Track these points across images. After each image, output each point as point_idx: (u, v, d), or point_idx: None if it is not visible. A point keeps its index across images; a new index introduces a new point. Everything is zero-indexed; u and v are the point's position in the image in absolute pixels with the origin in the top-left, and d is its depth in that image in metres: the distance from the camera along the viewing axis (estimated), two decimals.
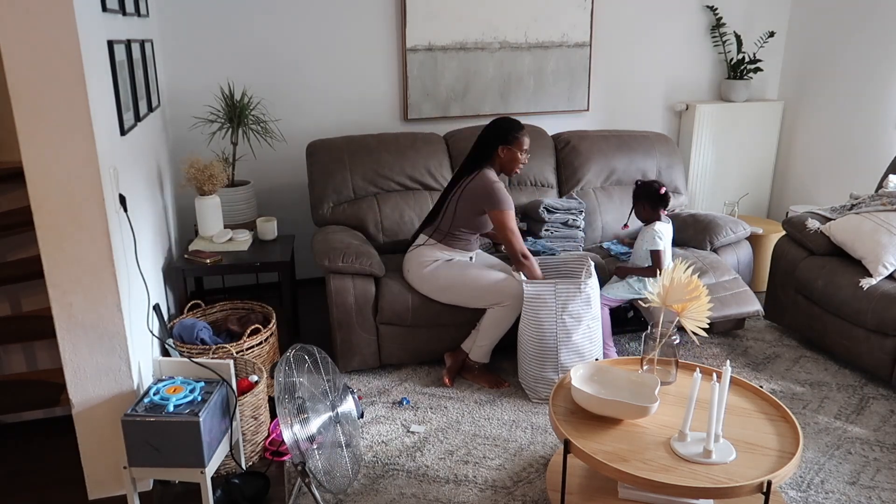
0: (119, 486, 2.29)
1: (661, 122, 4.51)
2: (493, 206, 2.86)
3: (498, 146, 2.90)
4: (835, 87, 4.20)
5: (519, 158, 2.93)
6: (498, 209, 2.85)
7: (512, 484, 2.37)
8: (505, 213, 2.84)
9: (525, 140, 2.93)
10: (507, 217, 2.85)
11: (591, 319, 2.74)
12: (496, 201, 2.85)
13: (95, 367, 2.17)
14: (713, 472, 1.86)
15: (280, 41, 3.73)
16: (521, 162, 2.94)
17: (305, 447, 2.09)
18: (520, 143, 2.91)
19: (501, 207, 2.84)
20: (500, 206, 2.84)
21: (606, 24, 4.20)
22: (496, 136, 2.92)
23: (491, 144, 2.92)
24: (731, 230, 3.44)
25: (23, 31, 1.87)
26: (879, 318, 2.84)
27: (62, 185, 2.00)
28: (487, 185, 2.87)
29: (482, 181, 2.88)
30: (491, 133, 2.94)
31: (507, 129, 2.92)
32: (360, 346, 3.03)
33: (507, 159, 2.92)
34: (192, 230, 3.52)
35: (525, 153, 2.94)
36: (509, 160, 2.92)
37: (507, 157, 2.91)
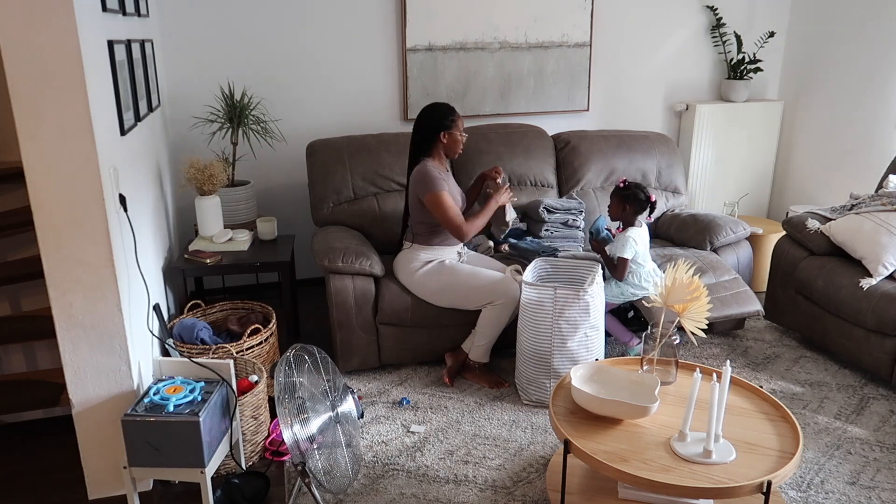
0: (119, 486, 2.29)
1: (661, 122, 4.51)
2: (424, 192, 2.89)
3: (439, 133, 2.94)
4: (835, 87, 4.20)
5: (459, 140, 2.98)
6: (429, 192, 2.87)
7: (512, 484, 2.37)
8: (435, 194, 2.86)
9: (461, 122, 2.98)
10: (438, 198, 2.86)
11: (589, 328, 2.72)
12: (424, 186, 2.88)
13: (95, 367, 2.17)
14: (713, 472, 1.86)
15: (280, 41, 3.73)
16: (461, 142, 2.99)
17: (305, 447, 2.09)
18: (458, 125, 2.97)
19: (430, 189, 2.87)
20: (429, 188, 2.87)
21: (606, 24, 4.20)
22: (434, 125, 2.95)
23: (430, 134, 2.96)
24: (731, 230, 3.44)
25: (23, 31, 1.87)
26: (879, 318, 2.84)
27: (62, 185, 2.00)
28: (417, 174, 2.92)
29: (416, 172, 2.94)
30: (428, 123, 2.97)
31: (443, 114, 2.95)
32: (360, 346, 3.03)
33: (450, 143, 2.97)
34: (192, 230, 3.52)
35: (463, 133, 2.99)
36: (452, 143, 2.97)
37: (450, 141, 2.97)
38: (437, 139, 2.95)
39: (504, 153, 3.68)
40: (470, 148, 3.56)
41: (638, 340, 3.11)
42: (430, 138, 2.96)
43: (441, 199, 2.86)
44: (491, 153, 3.66)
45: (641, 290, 2.99)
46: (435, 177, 2.88)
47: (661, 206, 3.82)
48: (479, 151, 3.64)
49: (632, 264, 2.99)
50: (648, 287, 2.98)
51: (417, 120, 3.00)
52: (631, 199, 2.99)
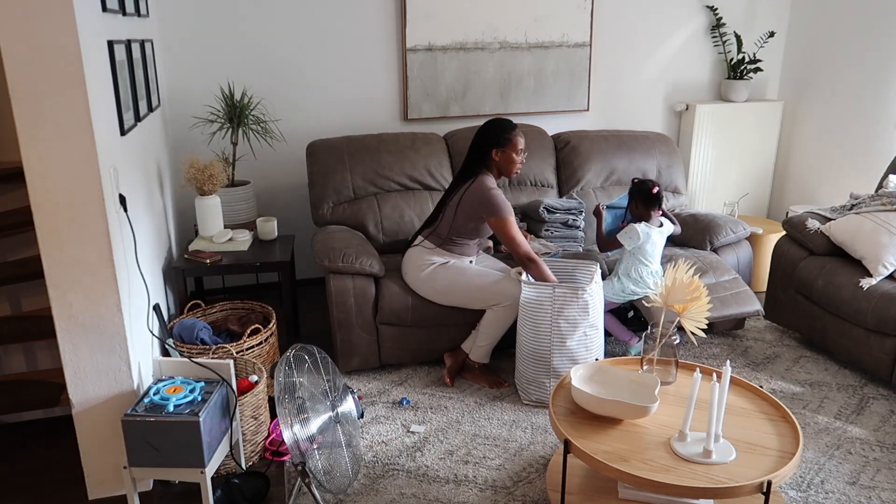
0: (119, 486, 2.29)
1: (661, 122, 4.51)
2: (491, 214, 2.83)
3: (491, 150, 2.87)
4: (835, 87, 4.20)
5: (515, 160, 2.89)
6: (496, 216, 2.82)
7: (512, 484, 2.37)
8: (504, 219, 2.82)
9: (519, 140, 2.89)
10: (507, 223, 2.82)
11: (588, 327, 2.72)
12: (494, 209, 2.82)
13: (95, 367, 2.17)
14: (713, 472, 1.86)
15: (280, 41, 3.73)
16: (518, 163, 2.91)
17: (305, 447, 2.09)
18: (513, 144, 2.87)
19: (500, 214, 2.82)
20: (499, 212, 2.82)
21: (606, 24, 4.20)
22: (488, 140, 2.88)
23: (484, 148, 2.89)
24: (731, 230, 3.44)
25: (23, 31, 1.87)
26: (879, 318, 2.84)
27: (62, 185, 2.00)
28: (485, 193, 2.83)
29: (479, 188, 2.85)
30: (483, 137, 2.91)
31: (499, 130, 2.88)
32: (360, 346, 3.03)
33: (504, 162, 2.89)
34: (192, 230, 3.52)
35: (521, 153, 2.91)
36: (505, 162, 2.89)
37: (503, 160, 2.89)
38: (490, 155, 2.89)
39: None
40: None
41: (637, 339, 3.11)
42: (484, 153, 2.89)
43: (510, 225, 2.82)
44: None
45: (642, 289, 3.00)
46: (502, 200, 2.82)
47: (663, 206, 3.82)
48: None
49: (637, 260, 3.00)
50: (650, 284, 2.98)
51: (478, 131, 2.94)
52: (637, 194, 3.04)
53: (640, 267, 3.00)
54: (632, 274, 3.01)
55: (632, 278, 3.00)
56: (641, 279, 2.99)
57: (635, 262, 3.01)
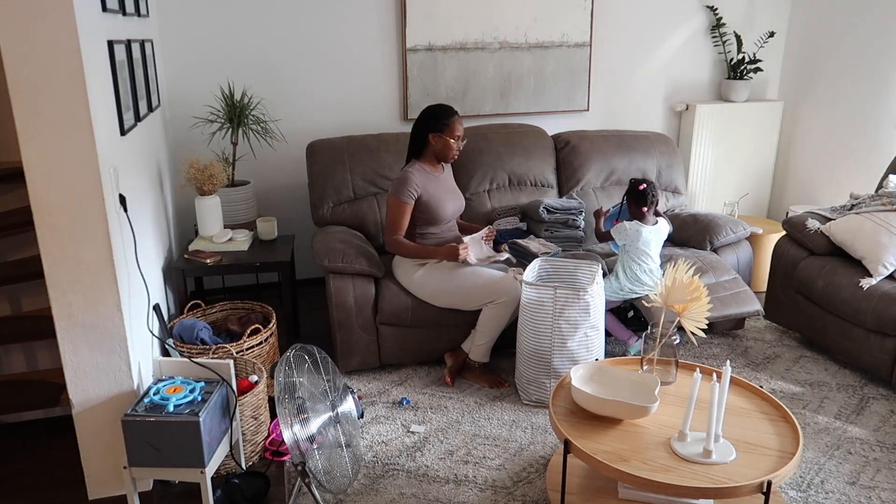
0: (119, 486, 2.29)
1: (661, 122, 4.51)
2: (389, 191, 2.91)
3: (428, 134, 2.92)
4: (835, 87, 4.20)
5: (452, 145, 2.93)
6: (390, 194, 2.90)
7: (512, 484, 2.37)
8: (393, 197, 2.88)
9: (457, 126, 2.92)
10: (394, 203, 2.88)
11: (589, 328, 2.72)
12: (393, 187, 2.90)
13: (95, 367, 2.17)
14: (713, 472, 1.86)
15: (280, 41, 3.73)
16: (455, 149, 2.95)
17: (305, 447, 2.09)
18: (451, 129, 2.91)
19: (392, 192, 2.89)
20: (394, 190, 2.89)
21: (606, 24, 4.20)
22: (426, 124, 2.93)
23: (422, 133, 2.94)
24: (731, 230, 3.44)
25: (23, 31, 1.87)
26: (879, 318, 2.84)
27: (62, 185, 2.00)
28: (400, 176, 2.92)
29: (401, 173, 2.94)
30: (421, 122, 2.95)
31: (438, 116, 2.92)
32: (360, 346, 3.03)
33: (440, 147, 2.93)
34: (192, 230, 3.52)
35: (458, 139, 2.94)
36: (442, 147, 2.93)
37: (440, 145, 2.93)
38: (427, 140, 2.94)
39: (504, 153, 3.68)
40: (470, 148, 3.56)
41: (637, 339, 3.11)
42: (422, 139, 2.95)
43: (395, 206, 2.88)
44: (491, 153, 3.66)
45: (638, 287, 2.99)
46: (406, 186, 2.87)
47: (661, 205, 3.82)
48: (479, 151, 3.64)
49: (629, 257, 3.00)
50: (647, 282, 2.98)
51: (417, 117, 2.99)
52: (627, 194, 3.08)
53: (634, 265, 3.00)
54: (627, 272, 3.01)
55: (627, 276, 3.01)
56: (637, 277, 2.99)
57: (629, 260, 3.01)
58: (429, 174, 2.96)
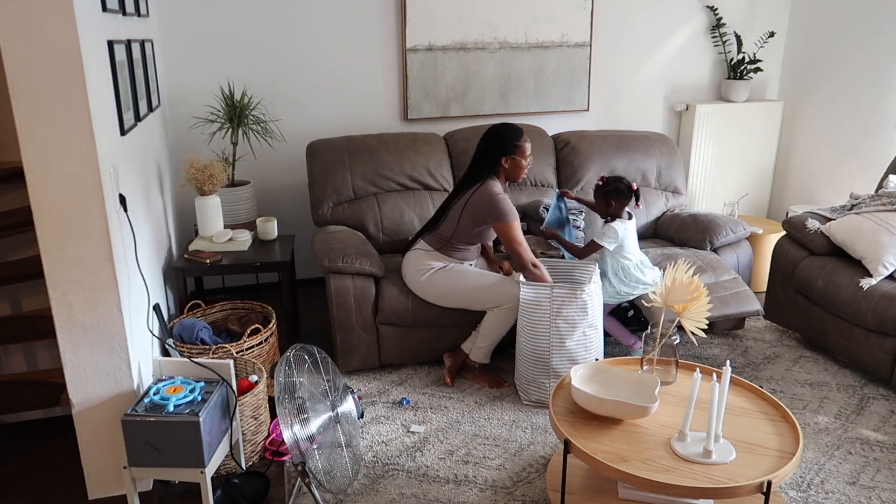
0: (119, 486, 2.29)
1: (661, 122, 4.51)
2: (497, 219, 2.82)
3: (501, 157, 2.86)
4: (835, 87, 4.20)
5: (524, 166, 2.89)
6: (502, 221, 2.82)
7: (512, 484, 2.37)
8: (509, 224, 2.81)
9: (527, 146, 2.89)
10: (512, 228, 2.81)
11: (587, 327, 2.72)
12: (500, 214, 2.81)
13: (95, 367, 2.17)
14: (713, 472, 1.86)
15: (280, 41, 3.73)
16: (525, 168, 2.91)
17: (305, 447, 2.09)
18: (522, 150, 2.87)
19: (506, 220, 2.81)
20: (505, 218, 2.81)
21: (606, 24, 4.20)
22: (497, 147, 2.87)
23: (493, 155, 2.88)
24: (731, 230, 3.44)
25: (23, 31, 1.87)
26: (879, 318, 2.84)
27: (62, 185, 2.00)
28: (492, 198, 2.82)
29: (485, 193, 2.84)
30: (491, 143, 2.89)
31: (508, 138, 2.86)
32: (360, 346, 3.03)
33: (513, 168, 2.88)
34: (192, 230, 3.52)
35: (529, 158, 2.91)
36: (514, 168, 2.88)
37: (512, 167, 2.88)
38: (499, 163, 2.87)
39: None
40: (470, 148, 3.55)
41: (640, 344, 3.10)
42: (492, 159, 2.88)
43: (515, 230, 2.81)
44: None
45: (634, 286, 2.97)
46: (509, 207, 2.81)
47: (661, 205, 3.82)
48: None
49: (619, 258, 2.97)
50: (640, 278, 2.97)
51: (484, 136, 2.92)
52: (614, 194, 2.97)
53: (623, 262, 2.98)
54: (618, 273, 2.99)
55: (619, 277, 2.99)
56: (628, 275, 2.97)
57: (617, 260, 2.98)
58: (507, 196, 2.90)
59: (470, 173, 2.95)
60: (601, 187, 3.01)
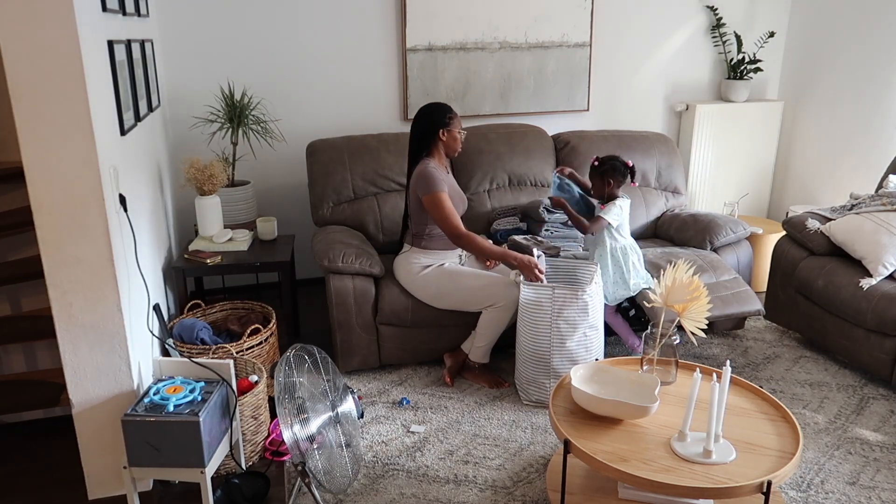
0: (119, 486, 2.29)
1: (661, 122, 4.51)
2: (424, 192, 2.87)
3: (438, 131, 2.94)
4: (835, 87, 4.20)
5: (459, 137, 2.98)
6: (427, 193, 2.86)
7: (512, 484, 2.37)
8: (432, 195, 2.85)
9: (458, 120, 2.99)
10: (435, 199, 2.85)
11: (588, 327, 2.72)
12: (424, 186, 2.87)
13: (95, 367, 2.17)
14: (713, 472, 1.86)
15: (280, 41, 3.73)
16: (460, 141, 3.00)
17: (305, 447, 2.09)
18: (455, 122, 2.97)
19: (429, 190, 2.85)
20: (428, 188, 2.86)
21: (606, 24, 4.20)
22: (434, 123, 2.95)
23: (430, 132, 2.95)
24: (731, 230, 3.43)
25: (23, 31, 1.87)
26: (879, 318, 2.84)
27: (62, 185, 2.00)
28: (418, 172, 2.91)
29: (416, 172, 2.92)
30: (426, 121, 2.97)
31: (440, 112, 2.95)
32: (360, 346, 3.03)
33: (449, 141, 2.97)
34: (192, 230, 3.52)
35: (462, 131, 2.99)
36: (451, 141, 2.97)
37: (449, 139, 2.96)
38: (436, 137, 2.95)
39: (504, 153, 3.68)
40: (470, 148, 3.56)
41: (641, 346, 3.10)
42: (430, 137, 2.96)
43: (440, 200, 2.85)
44: (491, 153, 3.66)
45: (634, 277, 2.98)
46: (436, 177, 2.87)
47: (661, 205, 3.82)
48: (479, 151, 3.65)
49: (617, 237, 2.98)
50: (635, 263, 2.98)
51: (415, 120, 2.99)
52: (611, 173, 2.98)
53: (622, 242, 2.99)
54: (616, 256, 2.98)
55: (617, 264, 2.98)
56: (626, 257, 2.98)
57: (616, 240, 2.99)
58: (442, 172, 2.97)
59: (410, 158, 3.03)
60: (597, 167, 3.01)
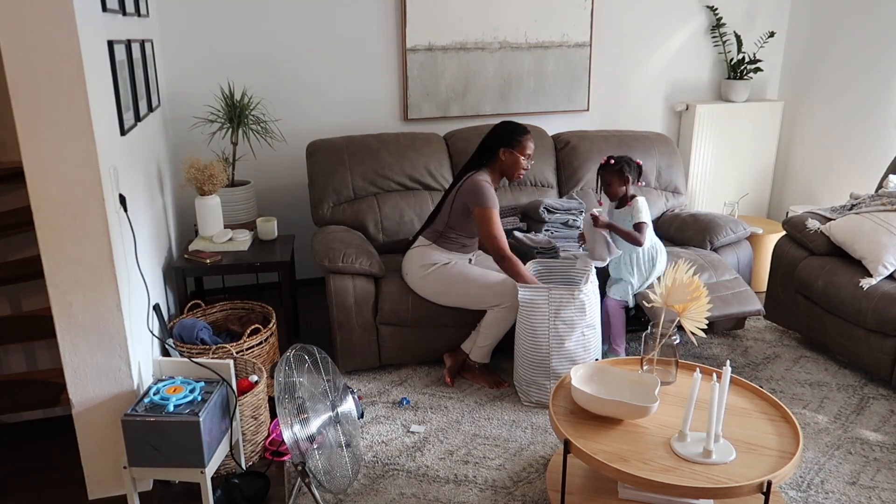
0: (119, 486, 2.29)
1: (661, 122, 4.51)
2: (476, 204, 2.84)
3: (500, 148, 2.89)
4: (835, 87, 4.20)
5: (521, 163, 2.91)
6: (480, 206, 2.84)
7: (512, 484, 2.37)
8: (486, 210, 2.83)
9: (529, 144, 2.90)
10: (488, 214, 2.83)
11: (585, 327, 2.72)
12: (479, 199, 2.84)
13: (95, 367, 2.17)
14: (713, 472, 1.86)
15: (280, 41, 3.73)
16: (523, 167, 2.92)
17: (305, 447, 2.09)
18: (523, 146, 2.89)
19: (484, 205, 2.83)
20: (483, 203, 2.83)
21: (606, 24, 4.20)
22: (499, 138, 2.91)
23: (493, 146, 2.91)
24: (731, 230, 3.44)
25: (23, 31, 1.87)
26: (879, 318, 2.84)
27: (62, 185, 2.00)
28: (476, 183, 2.86)
29: (473, 181, 2.88)
30: (495, 135, 2.93)
31: (511, 131, 2.90)
32: (360, 346, 3.03)
33: (509, 163, 2.90)
34: (192, 230, 3.52)
35: (528, 158, 2.92)
36: (511, 164, 2.90)
37: (509, 161, 2.90)
38: (497, 154, 2.90)
39: None
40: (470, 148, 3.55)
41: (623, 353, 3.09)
42: (492, 151, 2.91)
43: (493, 217, 2.82)
44: None
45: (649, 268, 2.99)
46: (492, 193, 2.84)
47: (661, 205, 3.82)
48: None
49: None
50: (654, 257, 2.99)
51: (491, 130, 2.96)
52: (628, 170, 2.97)
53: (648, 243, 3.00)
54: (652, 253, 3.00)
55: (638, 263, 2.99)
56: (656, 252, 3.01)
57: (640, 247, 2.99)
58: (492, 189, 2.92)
59: (468, 165, 2.99)
60: (613, 166, 2.98)
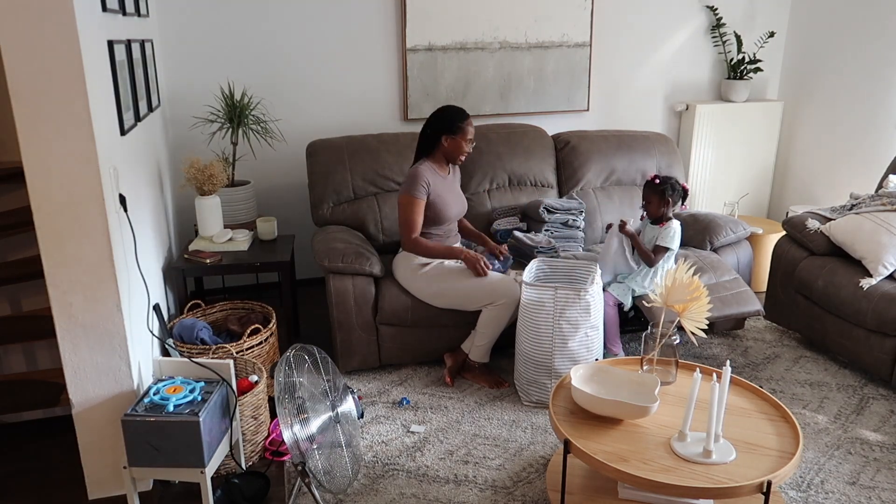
0: (119, 486, 2.29)
1: (661, 122, 4.51)
2: (401, 191, 2.91)
3: (442, 136, 2.95)
4: (835, 87, 4.20)
5: (463, 148, 2.97)
6: (401, 192, 2.91)
7: (512, 484, 2.37)
8: (407, 196, 2.89)
9: (469, 129, 2.96)
10: (405, 200, 2.89)
11: (589, 328, 2.72)
12: (404, 185, 2.92)
13: (95, 367, 2.17)
14: (713, 472, 1.86)
15: (280, 41, 3.73)
16: (465, 151, 2.99)
17: (305, 447, 2.09)
18: (464, 132, 2.95)
19: (405, 191, 2.89)
20: (404, 189, 2.90)
21: (606, 24, 4.20)
22: (440, 127, 2.96)
23: (434, 135, 2.97)
24: (731, 230, 3.43)
25: (23, 31, 1.87)
26: (879, 318, 2.84)
27: (62, 185, 2.00)
28: (410, 173, 2.94)
29: (410, 170, 2.95)
30: (435, 123, 2.98)
31: (451, 118, 2.95)
32: (360, 346, 3.03)
33: (452, 148, 2.97)
34: (192, 230, 3.52)
35: (470, 143, 2.98)
36: (453, 149, 2.97)
37: (452, 147, 2.96)
38: (439, 142, 2.96)
39: (504, 153, 3.68)
40: None
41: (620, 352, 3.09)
42: (433, 140, 2.97)
43: (409, 204, 2.88)
44: (491, 153, 3.66)
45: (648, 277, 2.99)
46: (418, 182, 2.89)
47: None
48: (479, 151, 3.63)
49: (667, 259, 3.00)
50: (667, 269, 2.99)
51: (429, 118, 3.01)
52: (671, 192, 2.97)
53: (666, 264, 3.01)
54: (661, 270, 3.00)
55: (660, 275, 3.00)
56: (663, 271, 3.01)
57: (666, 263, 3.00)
58: (437, 174, 2.98)
59: (414, 158, 3.06)
60: (657, 185, 2.98)
